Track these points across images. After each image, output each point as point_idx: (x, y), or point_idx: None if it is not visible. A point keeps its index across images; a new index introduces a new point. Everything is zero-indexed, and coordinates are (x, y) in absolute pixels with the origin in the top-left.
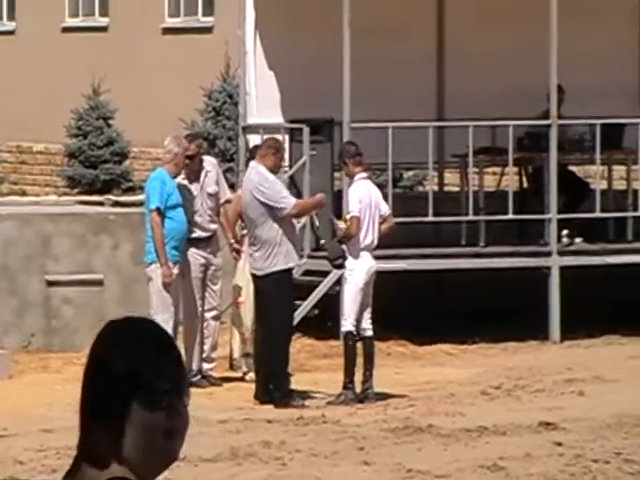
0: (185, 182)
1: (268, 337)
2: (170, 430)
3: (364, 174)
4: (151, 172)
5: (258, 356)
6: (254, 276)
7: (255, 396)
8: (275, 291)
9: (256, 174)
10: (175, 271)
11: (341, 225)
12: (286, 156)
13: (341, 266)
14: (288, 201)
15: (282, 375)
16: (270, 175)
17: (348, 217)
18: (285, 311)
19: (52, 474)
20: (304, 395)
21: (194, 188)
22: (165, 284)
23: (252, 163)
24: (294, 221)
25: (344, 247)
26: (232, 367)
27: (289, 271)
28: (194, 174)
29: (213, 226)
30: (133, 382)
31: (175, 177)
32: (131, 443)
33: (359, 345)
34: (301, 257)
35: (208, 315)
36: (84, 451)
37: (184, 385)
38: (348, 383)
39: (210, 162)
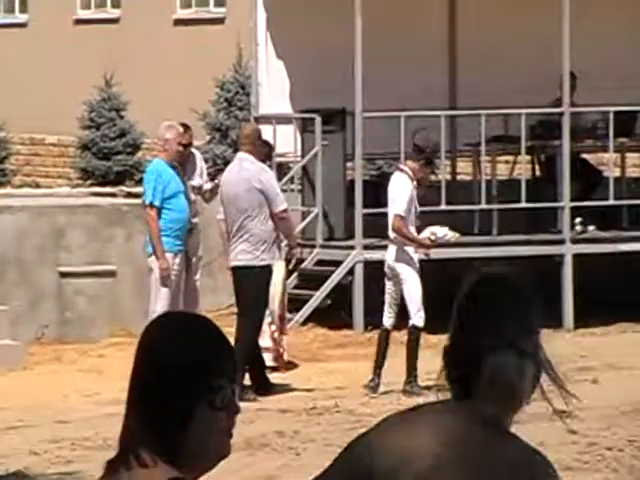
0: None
1: (237, 329)
2: (229, 429)
3: None
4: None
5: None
6: (233, 267)
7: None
8: (253, 285)
9: (251, 164)
10: (177, 261)
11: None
12: (298, 147)
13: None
14: (281, 200)
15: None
16: (265, 167)
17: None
18: (257, 306)
19: (67, 465)
20: (261, 390)
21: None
22: (163, 277)
23: (240, 154)
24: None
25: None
26: None
27: (270, 268)
28: (185, 165)
29: (194, 219)
30: (196, 381)
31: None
32: (190, 441)
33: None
34: (313, 247)
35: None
36: (139, 445)
37: (237, 379)
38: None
39: (195, 154)
